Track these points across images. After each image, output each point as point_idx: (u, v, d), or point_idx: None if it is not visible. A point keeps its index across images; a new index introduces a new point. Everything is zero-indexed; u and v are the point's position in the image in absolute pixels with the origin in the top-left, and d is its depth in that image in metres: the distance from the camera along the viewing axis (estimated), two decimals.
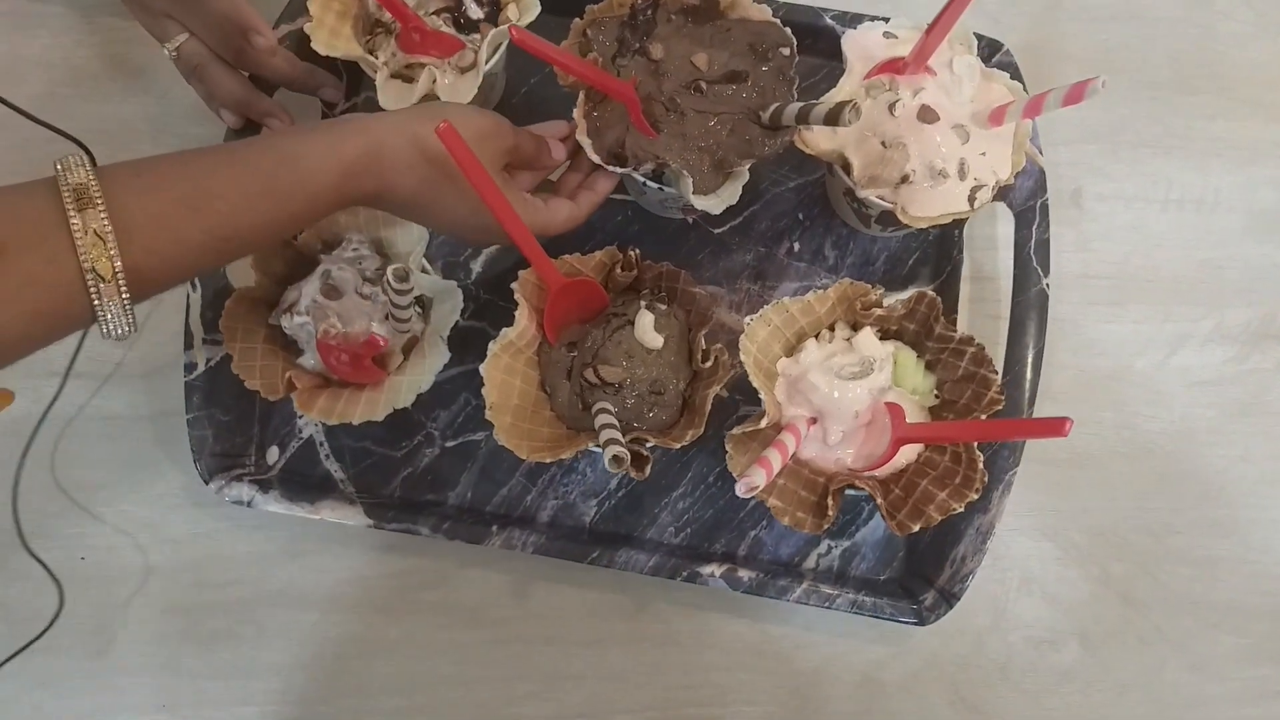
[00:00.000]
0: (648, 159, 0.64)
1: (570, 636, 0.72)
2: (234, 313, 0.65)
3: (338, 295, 0.65)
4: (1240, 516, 0.75)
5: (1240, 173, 0.80)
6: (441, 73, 0.68)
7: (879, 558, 0.71)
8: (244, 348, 0.65)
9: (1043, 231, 0.72)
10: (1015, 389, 0.69)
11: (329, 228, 0.69)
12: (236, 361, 0.64)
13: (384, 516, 0.68)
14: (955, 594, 0.67)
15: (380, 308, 0.66)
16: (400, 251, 0.69)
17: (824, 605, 0.67)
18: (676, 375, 0.65)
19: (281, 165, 0.52)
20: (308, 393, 0.65)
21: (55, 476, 0.73)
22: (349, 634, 0.72)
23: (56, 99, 0.79)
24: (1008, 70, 0.71)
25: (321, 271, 0.66)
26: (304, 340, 0.66)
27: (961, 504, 0.60)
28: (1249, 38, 0.83)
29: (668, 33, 0.68)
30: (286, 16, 0.73)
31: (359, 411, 0.64)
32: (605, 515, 0.72)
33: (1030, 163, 0.68)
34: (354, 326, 0.65)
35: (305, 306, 0.65)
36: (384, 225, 0.69)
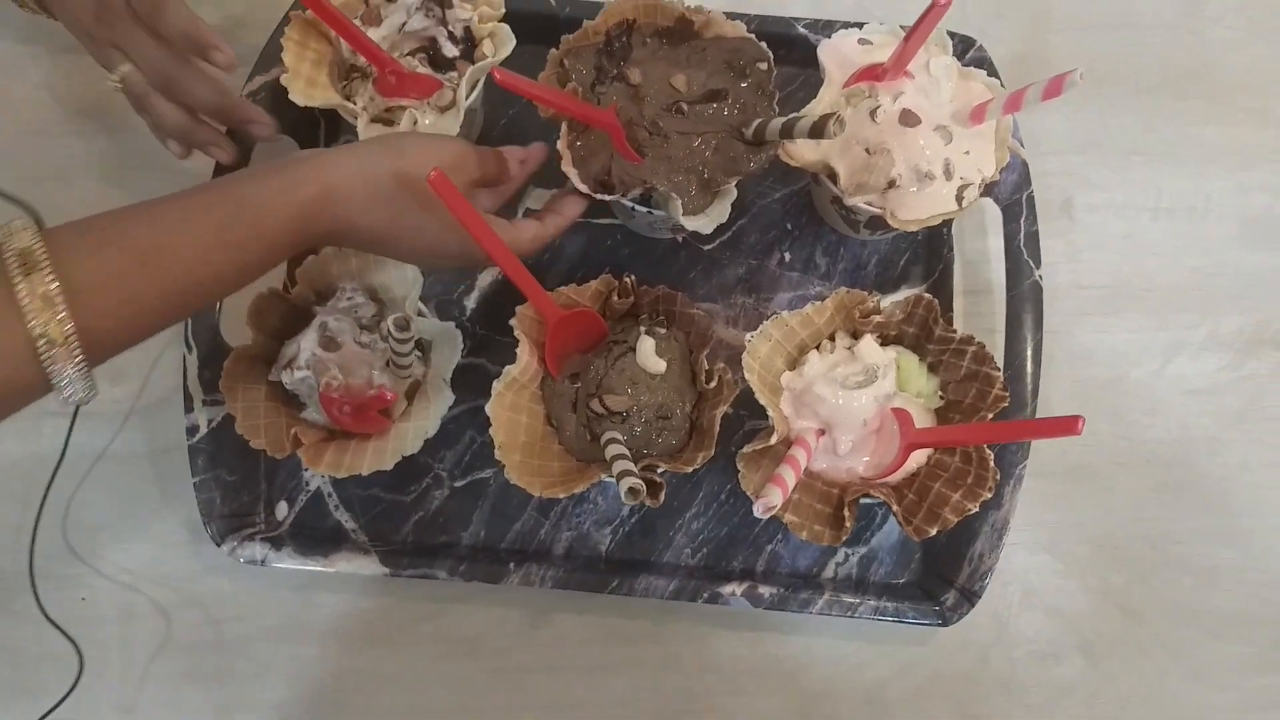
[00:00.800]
0: (635, 184, 0.64)
1: (570, 664, 0.71)
2: (233, 372, 0.65)
3: (336, 347, 0.64)
4: (1240, 524, 0.74)
5: (1231, 179, 0.80)
6: (421, 113, 0.68)
7: (896, 561, 0.72)
8: (246, 407, 0.65)
9: (1030, 224, 0.72)
10: (1018, 383, 0.69)
11: (321, 278, 0.68)
12: (240, 421, 0.64)
13: (399, 564, 0.68)
14: (976, 592, 0.67)
15: (380, 355, 0.65)
16: (396, 296, 0.68)
17: (847, 615, 0.67)
18: (682, 398, 0.64)
19: (235, 215, 0.51)
20: (314, 447, 0.65)
21: (54, 517, 0.72)
22: (349, 667, 0.71)
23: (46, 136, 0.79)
24: (983, 67, 0.71)
25: (318, 323, 0.65)
26: (306, 394, 0.66)
27: (976, 504, 0.60)
28: (1239, 44, 0.84)
29: (644, 56, 0.68)
30: (260, 68, 0.73)
31: (367, 462, 0.63)
32: (620, 542, 0.72)
33: (1013, 157, 0.68)
34: (355, 377, 0.64)
35: (304, 360, 0.64)
36: (377, 271, 0.68)
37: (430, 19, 0.69)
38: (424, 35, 0.69)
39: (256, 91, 0.73)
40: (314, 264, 0.68)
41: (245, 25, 0.81)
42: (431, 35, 0.69)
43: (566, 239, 0.76)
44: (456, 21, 0.70)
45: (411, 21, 0.69)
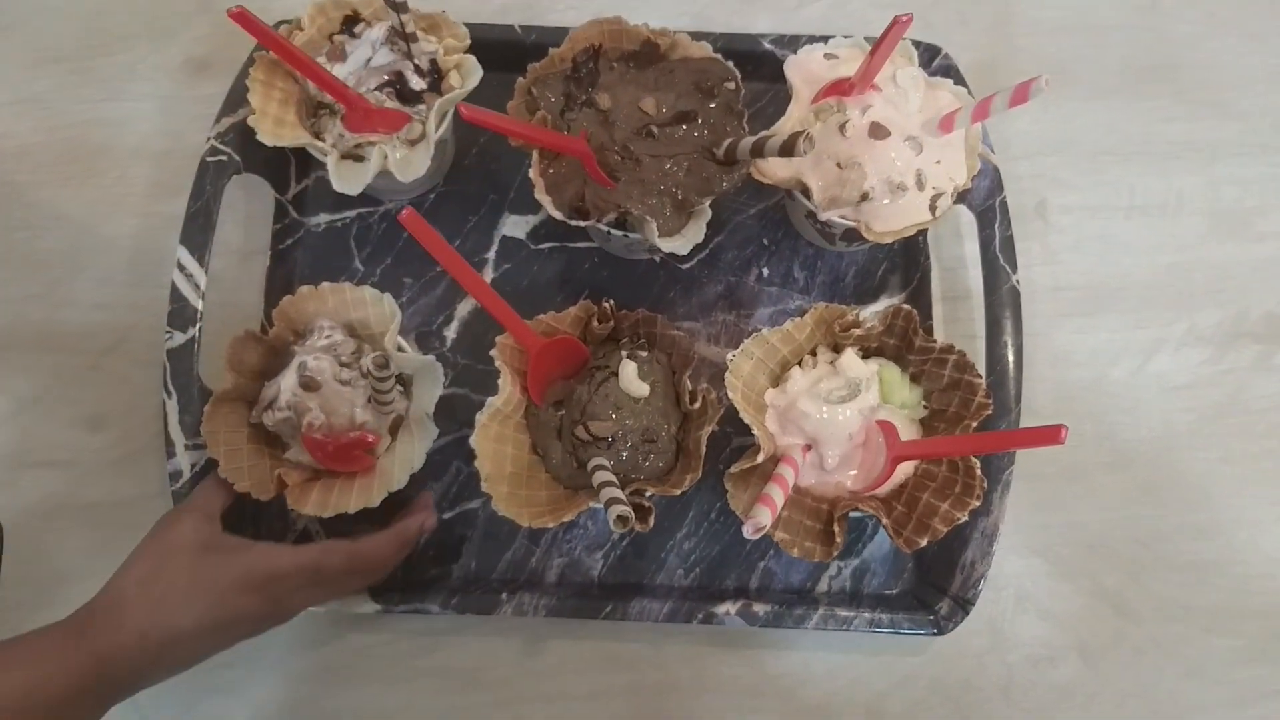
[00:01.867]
0: (609, 209, 0.64)
1: (570, 692, 0.71)
2: (214, 416, 0.64)
3: (317, 386, 0.64)
4: (1224, 518, 0.75)
5: (1201, 174, 0.81)
6: (391, 148, 0.68)
7: (889, 572, 0.72)
8: (229, 450, 0.64)
9: (1005, 229, 0.73)
10: (1000, 389, 0.69)
11: (299, 317, 0.68)
12: (223, 465, 0.63)
13: (391, 600, 0.67)
14: (970, 599, 0.67)
15: (362, 392, 0.65)
16: (375, 332, 0.68)
17: (843, 628, 0.67)
18: (667, 420, 0.64)
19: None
20: (299, 488, 0.64)
21: (39, 567, 0.71)
22: (347, 706, 0.70)
23: (14, 187, 0.79)
24: (950, 75, 0.72)
25: (297, 363, 0.64)
26: (289, 435, 0.65)
27: (965, 513, 0.60)
28: (1199, 38, 0.85)
29: (612, 81, 0.68)
30: (227, 108, 0.72)
31: (354, 500, 0.63)
32: (612, 567, 0.71)
33: (985, 164, 0.69)
34: (338, 416, 0.64)
35: (285, 401, 0.64)
36: (353, 308, 0.68)
37: (395, 53, 0.69)
38: (390, 69, 0.69)
39: (225, 132, 0.72)
40: (290, 304, 0.67)
41: (210, 67, 0.81)
42: (398, 69, 0.69)
43: (544, 264, 0.76)
44: (422, 54, 0.70)
45: (377, 56, 0.69)
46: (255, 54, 0.69)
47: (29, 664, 0.53)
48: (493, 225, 0.77)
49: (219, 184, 0.71)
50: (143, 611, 0.57)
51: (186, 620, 0.57)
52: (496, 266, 0.76)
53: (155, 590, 0.57)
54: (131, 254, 0.77)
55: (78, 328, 0.76)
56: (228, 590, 0.58)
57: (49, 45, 0.82)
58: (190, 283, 0.69)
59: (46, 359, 0.75)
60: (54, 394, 0.74)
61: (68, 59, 0.82)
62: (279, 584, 0.60)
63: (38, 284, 0.76)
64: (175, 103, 0.81)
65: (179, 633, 0.57)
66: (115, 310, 0.76)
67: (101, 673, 0.55)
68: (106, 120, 0.80)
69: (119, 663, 0.55)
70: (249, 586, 0.59)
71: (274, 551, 0.60)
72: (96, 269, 0.77)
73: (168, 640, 0.57)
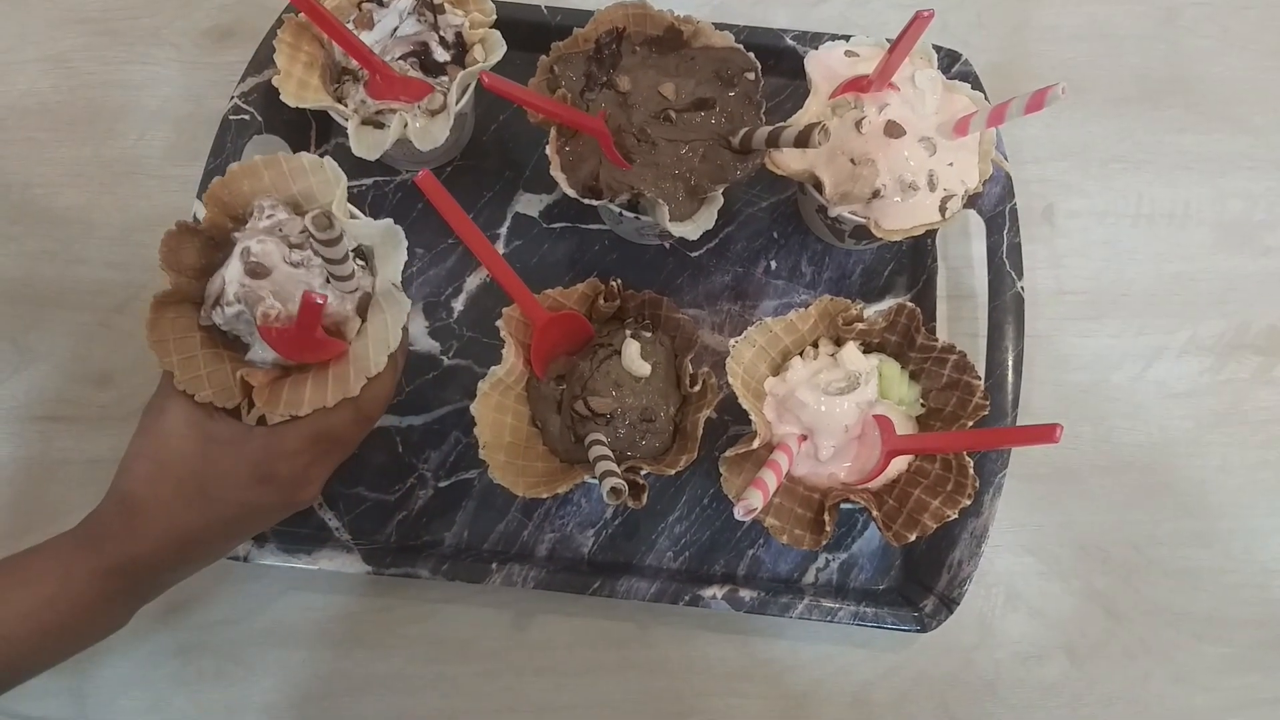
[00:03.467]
0: (623, 190, 0.64)
1: (560, 666, 0.71)
2: (158, 324, 0.56)
3: (266, 271, 0.56)
4: (1220, 527, 0.75)
5: (1210, 185, 0.82)
6: (412, 117, 0.69)
7: (877, 568, 0.72)
8: (182, 359, 0.56)
9: (1013, 236, 0.73)
10: (998, 393, 0.70)
11: (234, 201, 0.60)
12: (179, 376, 0.56)
13: (382, 562, 0.68)
14: (954, 599, 0.68)
15: (319, 273, 0.57)
16: (321, 203, 0.60)
17: (826, 619, 0.68)
18: (666, 401, 0.65)
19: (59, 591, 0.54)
20: (266, 389, 0.57)
21: (42, 521, 0.72)
22: (338, 671, 0.71)
23: (34, 144, 0.80)
24: (968, 80, 0.73)
25: (240, 250, 0.57)
26: (245, 332, 0.58)
27: (955, 510, 0.61)
28: (1215, 52, 0.85)
29: (633, 64, 0.69)
30: (253, 69, 0.74)
31: (330, 391, 0.56)
32: (603, 545, 0.72)
33: (997, 169, 0.69)
34: (294, 302, 0.56)
35: (234, 294, 0.56)
36: (293, 179, 0.60)
37: (422, 24, 0.70)
38: (416, 40, 0.70)
39: (249, 92, 0.73)
40: (221, 185, 0.59)
41: (233, 34, 0.82)
42: (423, 40, 0.70)
43: (555, 243, 0.77)
44: (448, 27, 0.71)
45: (403, 26, 0.70)
46: (284, 15, 0.70)
47: (41, 581, 0.53)
48: (507, 201, 0.78)
49: (239, 142, 0.72)
50: (154, 516, 0.54)
51: (199, 524, 0.55)
52: (508, 243, 0.77)
53: (163, 492, 0.54)
54: (146, 215, 0.78)
55: (90, 285, 0.77)
56: (239, 485, 0.55)
57: (75, 6, 0.83)
58: None
59: (57, 314, 0.76)
60: (63, 349, 0.75)
61: (93, 20, 0.83)
62: (291, 464, 0.56)
63: (53, 240, 0.77)
64: (197, 68, 0.82)
65: (191, 539, 0.56)
66: (128, 269, 0.77)
67: (116, 585, 0.54)
68: (128, 83, 0.81)
69: (137, 572, 0.55)
70: (262, 477, 0.56)
71: (281, 432, 0.56)
72: (111, 228, 0.78)
73: (180, 547, 0.55)
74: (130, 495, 0.55)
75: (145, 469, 0.55)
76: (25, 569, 0.54)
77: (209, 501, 0.55)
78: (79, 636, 0.55)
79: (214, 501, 0.55)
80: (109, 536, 0.55)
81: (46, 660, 0.55)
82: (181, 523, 0.55)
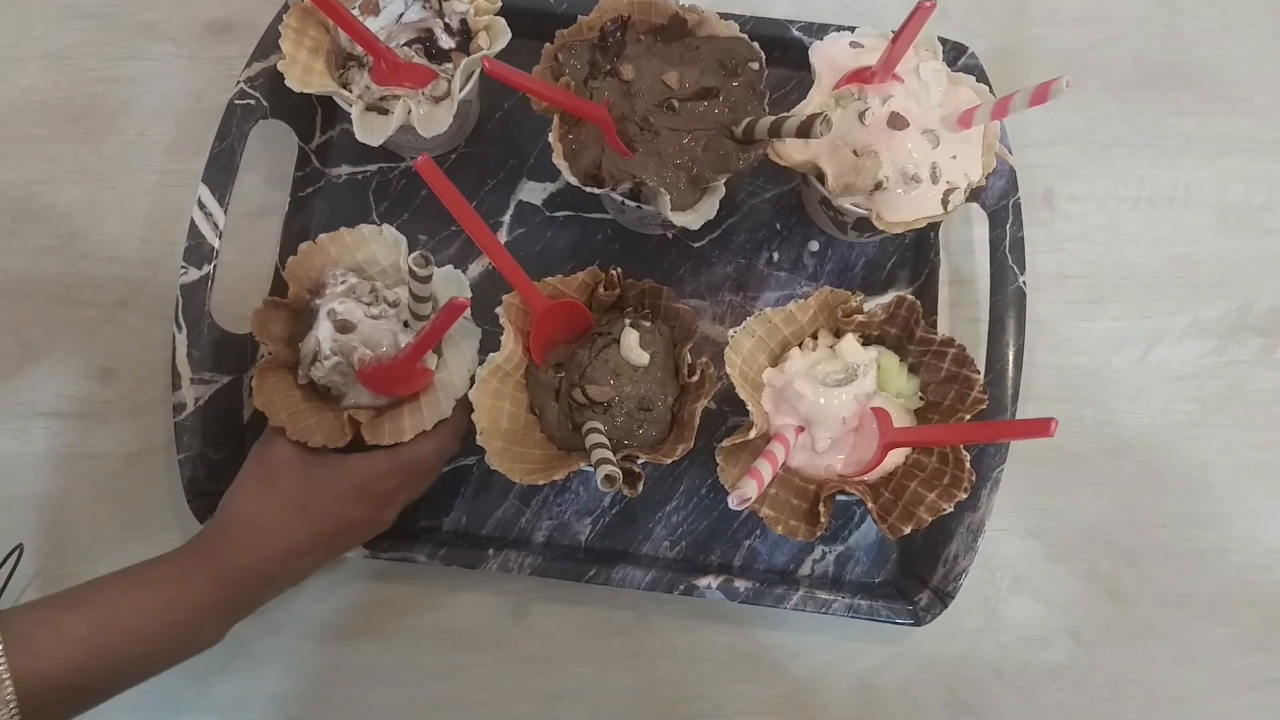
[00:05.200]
0: (625, 179, 0.64)
1: (566, 655, 0.72)
2: (262, 388, 0.64)
3: (352, 326, 0.65)
4: (1223, 508, 0.75)
5: (1210, 168, 0.81)
6: (416, 103, 0.69)
7: (873, 560, 0.72)
8: (290, 414, 0.64)
9: (1016, 230, 0.73)
10: (998, 387, 0.70)
11: (309, 275, 0.68)
12: (290, 429, 0.63)
13: (380, 545, 0.68)
14: (950, 593, 0.68)
15: (395, 321, 0.66)
16: (384, 265, 0.69)
17: (821, 611, 0.68)
18: (664, 391, 0.65)
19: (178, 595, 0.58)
20: (371, 424, 0.65)
21: (46, 516, 0.73)
22: (345, 662, 0.72)
23: (35, 140, 0.80)
24: (973, 73, 0.72)
25: (326, 312, 0.65)
26: (340, 383, 0.66)
27: (951, 504, 0.61)
28: (1214, 34, 0.85)
29: (637, 53, 0.69)
30: (258, 54, 0.74)
31: (426, 417, 0.64)
32: (600, 533, 0.72)
33: (1001, 163, 0.69)
34: (383, 348, 0.65)
35: (328, 349, 0.64)
36: (357, 249, 0.69)
37: (427, 10, 0.70)
38: (421, 26, 0.70)
39: (255, 77, 0.73)
40: (296, 264, 0.67)
41: (232, 29, 0.82)
42: (428, 27, 0.70)
43: (558, 232, 0.77)
44: (453, 14, 0.71)
45: (409, 13, 0.70)
46: (290, 1, 0.70)
47: (161, 585, 0.57)
48: (510, 190, 0.78)
49: (245, 127, 0.72)
50: (258, 531, 0.60)
51: (301, 536, 0.61)
52: (511, 230, 0.77)
53: (269, 509, 0.61)
54: (148, 210, 0.79)
55: (92, 280, 0.77)
56: (337, 500, 0.62)
57: (75, 1, 0.83)
58: (209, 221, 0.70)
59: (60, 310, 0.77)
60: (67, 345, 0.76)
61: (93, 15, 0.83)
62: (384, 484, 0.63)
63: (54, 236, 0.78)
64: (196, 63, 0.82)
65: (294, 549, 0.61)
66: (130, 264, 0.77)
67: (224, 594, 0.59)
68: (128, 78, 0.81)
69: (240, 584, 0.60)
70: (358, 494, 0.62)
71: (373, 457, 0.63)
72: (113, 223, 0.78)
73: (284, 558, 0.61)
74: (238, 513, 0.61)
75: (253, 489, 0.62)
76: (145, 574, 0.58)
77: (311, 515, 0.61)
78: (188, 643, 0.59)
79: (315, 515, 0.61)
80: (216, 549, 0.60)
81: (161, 663, 0.58)
82: (281, 540, 0.61)
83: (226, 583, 0.59)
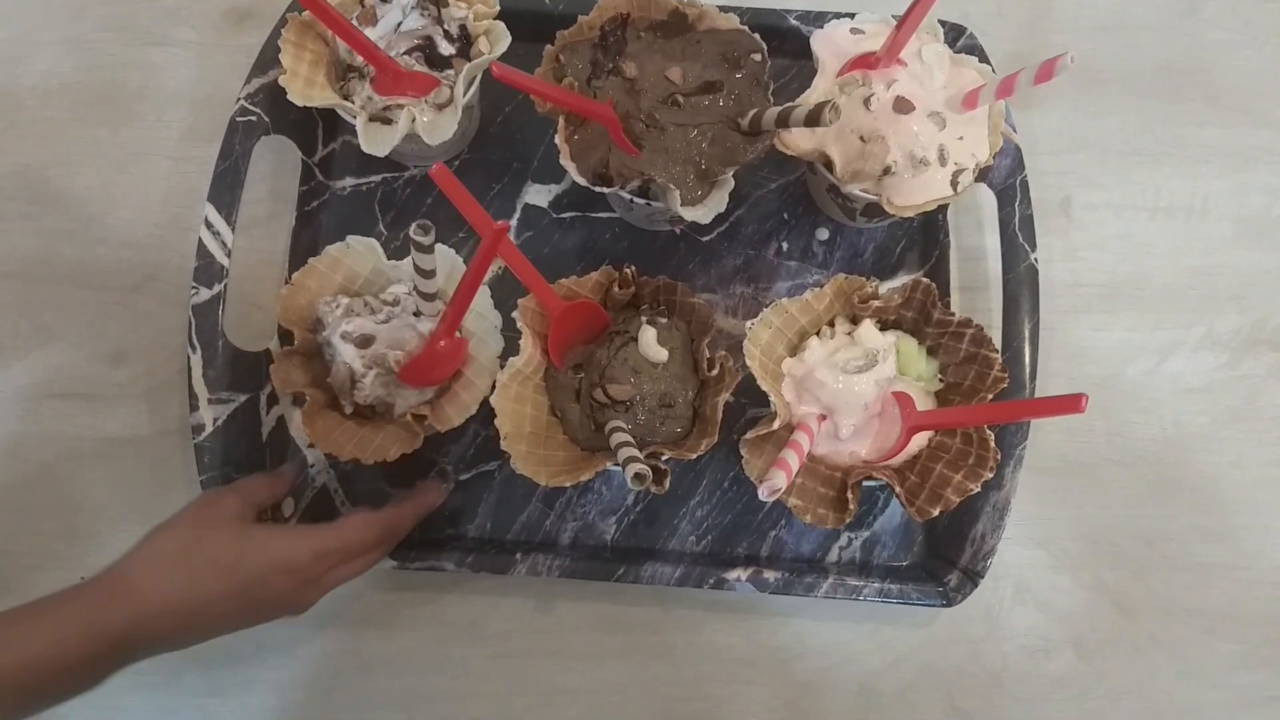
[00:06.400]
0: (633, 176, 0.64)
1: (567, 650, 0.72)
2: (318, 432, 0.65)
3: (373, 338, 0.65)
4: (1233, 523, 0.75)
5: (1229, 179, 0.81)
6: (420, 111, 0.69)
7: (899, 544, 0.72)
8: (357, 443, 0.65)
9: (1025, 208, 0.73)
10: (1015, 365, 0.70)
11: (302, 316, 0.68)
12: (366, 457, 0.64)
13: (407, 557, 0.68)
14: (979, 572, 0.68)
15: (406, 315, 0.67)
16: (368, 277, 0.70)
17: (851, 597, 0.68)
18: (684, 386, 0.65)
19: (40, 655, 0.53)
20: (435, 415, 0.66)
21: (56, 498, 0.73)
22: (346, 650, 0.72)
23: (54, 124, 0.80)
24: (974, 54, 0.72)
25: (338, 338, 0.65)
26: (386, 395, 0.66)
27: (978, 484, 0.61)
28: (1236, 45, 0.84)
29: (639, 50, 0.68)
30: (258, 70, 0.73)
31: (478, 390, 0.65)
32: (625, 531, 0.72)
33: (1007, 142, 0.69)
34: (411, 344, 0.65)
35: (360, 367, 0.65)
36: (334, 272, 0.69)
37: (426, 18, 0.70)
38: (420, 34, 0.70)
39: (255, 93, 0.73)
40: (284, 311, 0.67)
41: (252, 17, 0.82)
42: (428, 34, 0.70)
43: (566, 233, 0.77)
44: (452, 20, 0.71)
45: (407, 21, 0.70)
46: (288, 14, 0.70)
47: (54, 624, 0.54)
48: (516, 193, 0.78)
49: (248, 144, 0.72)
50: (176, 578, 0.57)
51: (218, 594, 0.57)
52: (518, 234, 0.77)
53: (195, 559, 0.57)
54: (163, 196, 0.79)
55: (107, 264, 0.77)
56: (266, 569, 0.58)
57: None
58: (217, 240, 0.70)
59: (75, 293, 0.77)
60: (80, 328, 0.76)
61: (114, 1, 0.83)
62: (319, 564, 0.60)
63: (71, 220, 0.78)
64: (215, 50, 0.82)
65: (208, 605, 0.57)
66: (144, 249, 0.78)
67: (123, 636, 0.55)
68: (147, 64, 0.82)
69: (142, 629, 0.56)
70: (289, 568, 0.59)
71: (315, 532, 0.61)
72: (128, 209, 0.79)
73: (195, 611, 0.57)
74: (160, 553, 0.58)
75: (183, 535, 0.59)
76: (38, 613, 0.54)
77: (232, 578, 0.58)
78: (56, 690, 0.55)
79: (237, 579, 0.58)
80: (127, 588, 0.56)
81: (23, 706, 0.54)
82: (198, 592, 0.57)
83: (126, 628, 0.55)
